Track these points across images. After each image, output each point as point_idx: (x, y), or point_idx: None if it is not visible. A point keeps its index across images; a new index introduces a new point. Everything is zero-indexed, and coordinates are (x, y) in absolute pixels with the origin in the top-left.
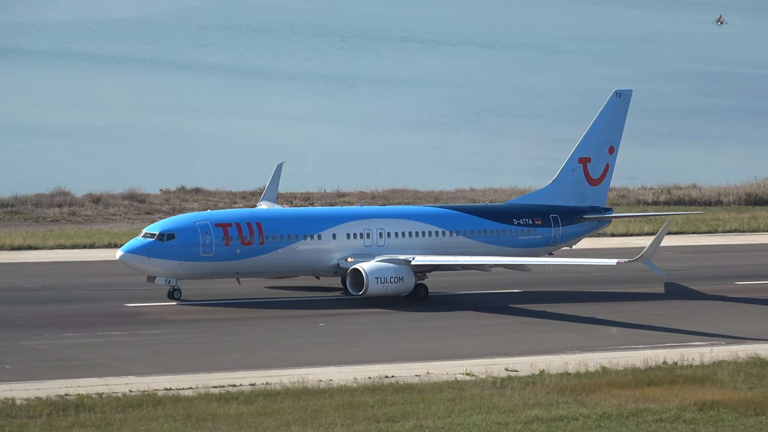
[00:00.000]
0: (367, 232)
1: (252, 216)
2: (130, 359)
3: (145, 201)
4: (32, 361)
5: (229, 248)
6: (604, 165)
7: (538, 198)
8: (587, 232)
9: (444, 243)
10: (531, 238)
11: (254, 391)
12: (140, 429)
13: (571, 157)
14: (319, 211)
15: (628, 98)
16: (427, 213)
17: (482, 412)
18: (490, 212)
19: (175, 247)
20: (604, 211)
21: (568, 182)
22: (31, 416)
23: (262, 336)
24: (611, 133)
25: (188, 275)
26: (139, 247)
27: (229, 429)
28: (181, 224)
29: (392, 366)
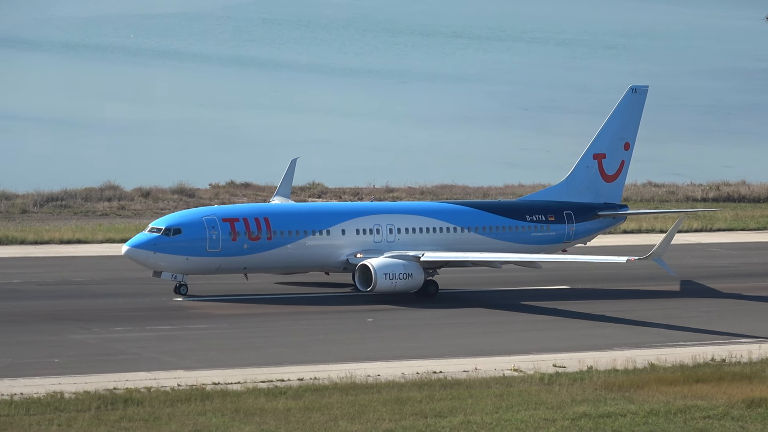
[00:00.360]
0: (377, 228)
1: (260, 211)
2: (179, 353)
3: (195, 195)
4: (81, 355)
5: (236, 243)
6: (620, 161)
7: (552, 194)
8: (601, 229)
9: (455, 239)
10: (544, 234)
11: (302, 386)
12: (188, 423)
13: (585, 153)
14: (328, 207)
15: (644, 94)
16: (437, 209)
17: (530, 408)
18: (502, 208)
19: (182, 242)
20: (619, 207)
21: (583, 178)
22: (80, 410)
23: (309, 331)
24: (627, 129)
25: (195, 270)
26: (145, 241)
27: (277, 424)
28: (187, 219)
29: (440, 361)
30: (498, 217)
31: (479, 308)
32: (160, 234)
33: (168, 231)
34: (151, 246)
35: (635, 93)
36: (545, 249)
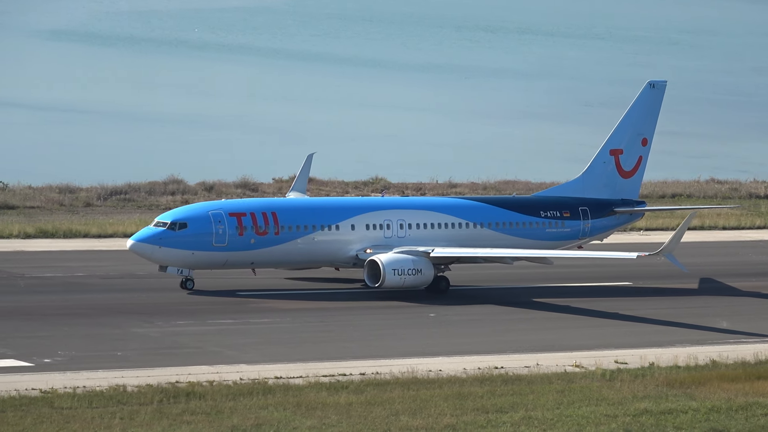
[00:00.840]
0: (387, 223)
1: (268, 206)
2: (241, 347)
3: (258, 189)
4: (144, 349)
5: (242, 238)
6: (637, 157)
7: (568, 190)
8: (618, 226)
9: (468, 235)
10: (559, 230)
11: (364, 381)
12: (250, 417)
13: (602, 149)
14: (338, 202)
15: (663, 89)
16: (450, 204)
17: (591, 404)
18: (516, 204)
19: (187, 236)
20: (637, 204)
21: (599, 174)
22: (142, 403)
23: (370, 326)
24: (645, 124)
25: (201, 265)
26: (150, 236)
27: (339, 418)
28: (193, 213)
29: (501, 357)
30: (512, 213)
31: (535, 304)
32: (165, 228)
33: (174, 225)
34: (156, 240)
35: (653, 88)
36: (560, 245)
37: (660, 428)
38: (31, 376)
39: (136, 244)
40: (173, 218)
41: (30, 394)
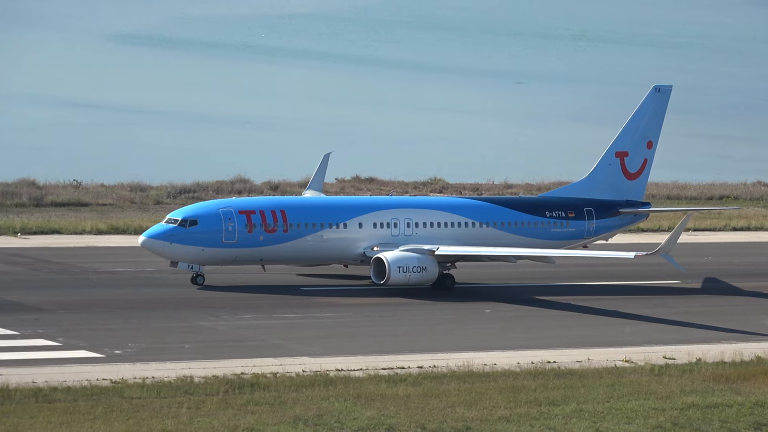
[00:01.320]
0: (394, 222)
1: (277, 204)
2: (304, 341)
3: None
4: (210, 341)
5: (252, 235)
6: (642, 159)
7: (574, 191)
8: (623, 226)
9: (474, 234)
10: (564, 230)
11: (421, 374)
12: (312, 407)
13: (608, 151)
14: (346, 200)
15: (668, 94)
16: (457, 204)
17: (640, 398)
18: (522, 204)
19: (198, 233)
20: (641, 205)
21: (605, 176)
22: (209, 393)
23: (427, 321)
24: (650, 128)
25: (211, 261)
26: (161, 232)
27: (397, 409)
28: (204, 211)
29: (554, 352)
30: (517, 212)
31: (586, 302)
32: (176, 225)
33: (184, 222)
34: (167, 237)
35: (659, 92)
36: (565, 245)
37: (706, 422)
38: (102, 367)
39: (148, 240)
40: (184, 215)
41: (101, 384)
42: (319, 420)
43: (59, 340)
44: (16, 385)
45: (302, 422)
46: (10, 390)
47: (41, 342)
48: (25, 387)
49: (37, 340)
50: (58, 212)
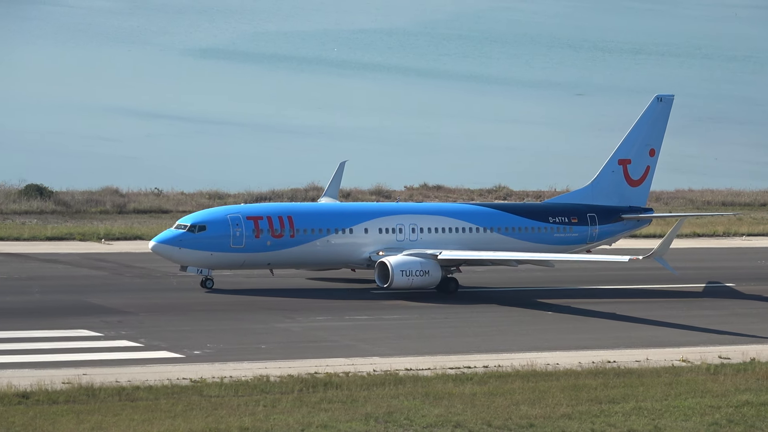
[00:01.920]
0: (399, 227)
1: (284, 210)
2: (374, 341)
3: (390, 196)
4: (285, 342)
5: (259, 240)
6: (645, 167)
7: (578, 197)
8: (625, 231)
9: (478, 239)
10: (567, 235)
11: (487, 373)
12: (382, 405)
13: (611, 158)
14: (352, 207)
15: (670, 103)
16: (461, 210)
17: (696, 396)
18: (525, 210)
19: (206, 238)
20: (644, 211)
21: (608, 182)
22: (284, 392)
23: (492, 322)
24: (652, 136)
25: (219, 265)
26: (170, 237)
27: (464, 407)
28: (212, 216)
29: (614, 352)
30: (521, 218)
31: (647, 304)
32: (185, 230)
33: (193, 228)
34: (176, 242)
35: (661, 102)
36: (568, 249)
37: (760, 419)
38: (182, 366)
39: (158, 245)
40: (193, 221)
41: (181, 384)
42: (389, 417)
43: (141, 342)
44: (101, 385)
45: (373, 419)
46: (95, 389)
47: (124, 343)
48: (109, 386)
49: (121, 341)
50: (140, 219)
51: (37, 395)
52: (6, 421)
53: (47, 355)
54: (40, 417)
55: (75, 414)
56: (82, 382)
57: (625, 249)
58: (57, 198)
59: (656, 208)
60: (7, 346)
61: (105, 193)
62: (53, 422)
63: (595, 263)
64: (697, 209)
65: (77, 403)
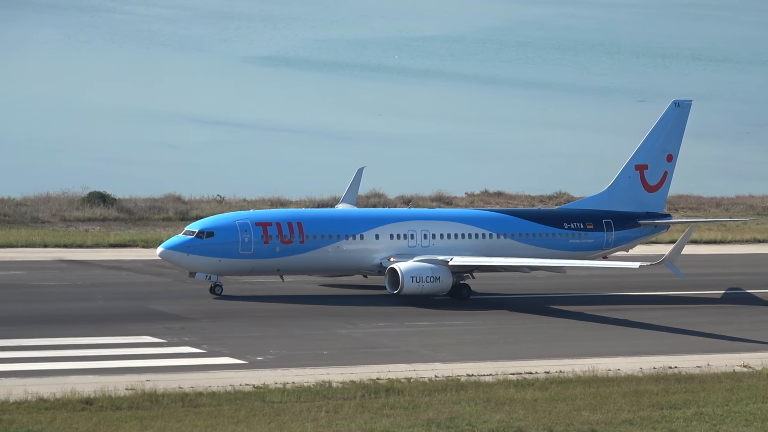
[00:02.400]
0: (411, 233)
1: (293, 216)
2: (435, 347)
3: (452, 203)
4: (347, 348)
5: (268, 246)
6: (662, 172)
7: (594, 203)
8: (642, 237)
9: (491, 245)
10: (582, 241)
11: (548, 378)
12: (444, 411)
13: (627, 164)
14: (363, 213)
15: (687, 108)
16: (474, 216)
17: (758, 401)
18: (540, 216)
19: (214, 244)
20: (661, 217)
21: (624, 188)
22: (346, 398)
23: (551, 328)
24: (670, 141)
25: (228, 271)
26: (178, 244)
27: (525, 413)
28: (221, 223)
29: (675, 357)
30: (535, 224)
31: (707, 309)
32: (193, 236)
33: (201, 234)
34: (184, 248)
35: (678, 107)
36: (584, 256)
37: None
38: (245, 372)
39: (166, 251)
40: (201, 227)
41: (244, 389)
42: (451, 423)
43: (204, 348)
44: (164, 391)
45: (435, 425)
46: (158, 395)
47: (187, 349)
48: (172, 392)
49: (183, 348)
50: None
51: (101, 401)
52: (70, 427)
53: (111, 362)
54: (103, 423)
55: (138, 420)
56: (145, 388)
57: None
58: (120, 205)
59: (716, 213)
60: (71, 352)
61: (167, 200)
62: (116, 428)
63: (606, 269)
64: (757, 215)
65: (140, 409)
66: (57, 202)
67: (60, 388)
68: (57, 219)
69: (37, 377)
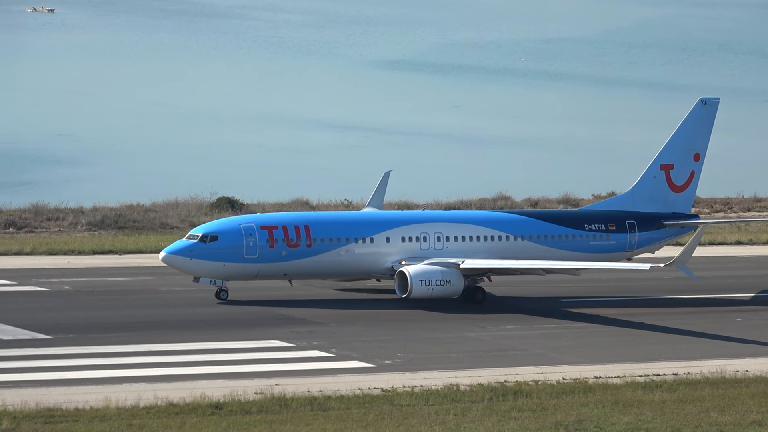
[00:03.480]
0: (423, 236)
1: (301, 219)
2: (563, 350)
3: (578, 205)
4: (475, 351)
5: (274, 250)
6: (689, 172)
7: (617, 204)
8: (668, 239)
9: (508, 247)
10: (603, 243)
11: (676, 380)
12: (572, 413)
13: (652, 163)
14: (374, 215)
15: (715, 106)
16: (490, 218)
17: None
18: (559, 217)
19: (218, 248)
20: (689, 217)
21: (649, 188)
22: (474, 401)
23: (678, 330)
24: (697, 140)
25: (233, 276)
26: (181, 248)
27: (653, 415)
28: (225, 227)
29: None
30: (554, 226)
31: None
32: (196, 241)
33: (204, 238)
34: (186, 252)
35: (705, 105)
36: (606, 258)
37: None
38: (373, 376)
39: (168, 256)
40: (204, 231)
41: (372, 393)
42: (579, 425)
43: (332, 351)
44: (293, 395)
45: (563, 427)
46: (287, 399)
47: (315, 353)
48: (301, 396)
49: (312, 352)
50: None
51: (230, 406)
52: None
53: (240, 366)
54: (233, 427)
55: (268, 424)
56: (274, 392)
57: None
58: (248, 210)
59: None
60: (200, 357)
61: (295, 205)
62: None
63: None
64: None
65: (270, 413)
66: (185, 207)
67: (190, 393)
68: (186, 224)
69: (167, 382)
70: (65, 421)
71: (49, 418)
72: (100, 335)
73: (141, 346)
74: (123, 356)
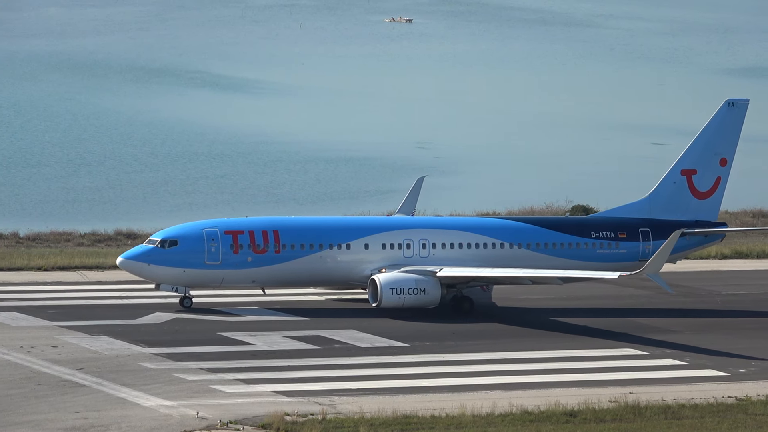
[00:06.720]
0: (407, 243)
1: (269, 224)
2: None
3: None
4: None
5: (238, 256)
6: (715, 177)
7: (631, 211)
8: (690, 248)
9: (503, 256)
10: (612, 252)
11: None
12: None
13: (672, 169)
14: (352, 220)
15: (744, 109)
16: (484, 224)
17: None
18: (562, 225)
19: (177, 253)
20: (714, 225)
21: (668, 195)
22: None
23: None
24: (723, 144)
25: (195, 283)
26: (138, 253)
27: None
28: (185, 231)
29: None
30: (556, 233)
31: None
32: (155, 246)
33: (163, 243)
34: (144, 258)
35: (732, 107)
36: (615, 267)
37: None
38: (727, 384)
39: (124, 261)
40: (164, 236)
41: (726, 402)
42: None
43: (686, 360)
44: (646, 403)
45: None
46: (641, 407)
47: (669, 362)
48: (655, 404)
49: (666, 360)
50: None
51: (584, 414)
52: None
53: (594, 374)
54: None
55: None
56: (628, 400)
57: None
58: None
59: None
60: (555, 365)
61: None
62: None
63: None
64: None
65: (624, 421)
66: None
67: (544, 401)
68: None
69: (521, 390)
70: (421, 428)
71: (405, 425)
72: (456, 343)
73: (496, 354)
74: (478, 364)
